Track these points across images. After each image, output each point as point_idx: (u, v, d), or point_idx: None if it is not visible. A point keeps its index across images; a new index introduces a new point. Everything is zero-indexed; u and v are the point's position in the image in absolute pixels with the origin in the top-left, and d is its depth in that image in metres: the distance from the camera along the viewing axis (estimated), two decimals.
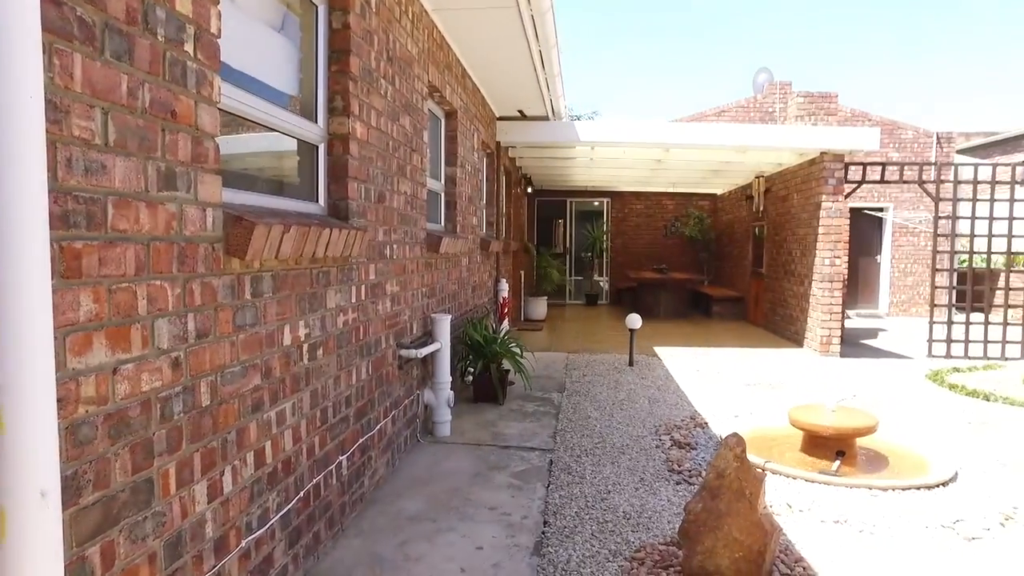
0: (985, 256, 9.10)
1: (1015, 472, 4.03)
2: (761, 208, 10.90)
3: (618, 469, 3.98)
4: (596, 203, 15.85)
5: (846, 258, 8.76)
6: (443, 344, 4.49)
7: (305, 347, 2.60)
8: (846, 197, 8.48)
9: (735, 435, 2.59)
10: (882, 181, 8.61)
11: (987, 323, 8.46)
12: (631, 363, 7.53)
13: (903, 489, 3.61)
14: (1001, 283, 9.54)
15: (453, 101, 5.43)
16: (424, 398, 4.50)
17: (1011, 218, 8.45)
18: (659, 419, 5.17)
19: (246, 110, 2.36)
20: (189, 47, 1.73)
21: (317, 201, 3.02)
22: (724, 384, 6.62)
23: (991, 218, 8.48)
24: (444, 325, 4.52)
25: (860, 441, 4.18)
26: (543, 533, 3.05)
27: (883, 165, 8.50)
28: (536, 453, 4.25)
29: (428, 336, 4.51)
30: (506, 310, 7.91)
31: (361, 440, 3.28)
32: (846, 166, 8.37)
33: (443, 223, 5.60)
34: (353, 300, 3.13)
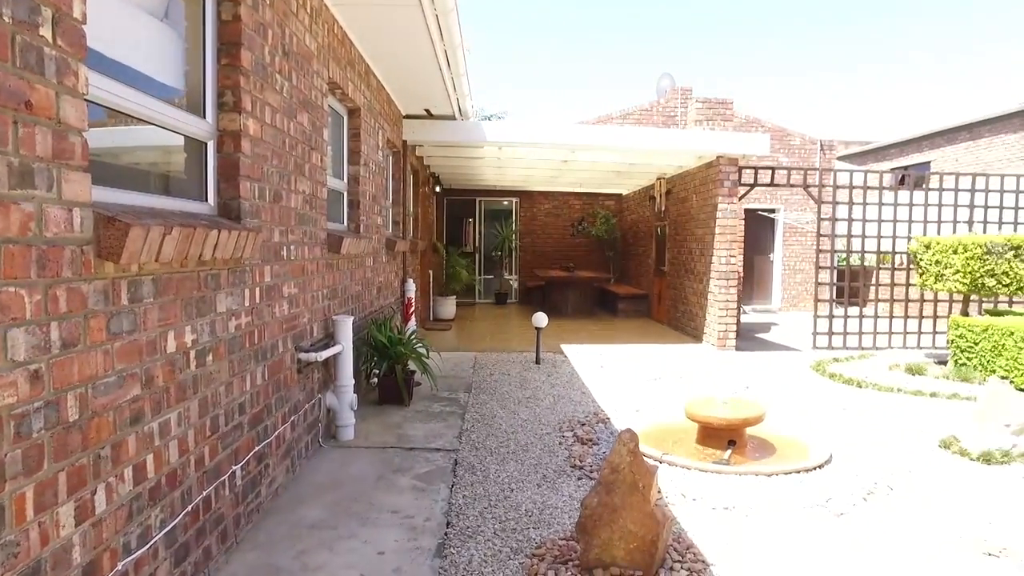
0: (860, 255, 9.91)
1: (879, 452, 4.41)
2: (663, 208, 11.36)
3: (522, 467, 4.04)
4: (505, 202, 15.98)
5: (741, 257, 9.28)
6: (345, 346, 4.39)
7: (192, 353, 2.48)
8: (740, 199, 8.97)
9: (628, 431, 2.69)
10: (772, 184, 9.18)
11: (861, 316, 9.20)
12: (538, 361, 7.65)
13: (786, 474, 3.86)
14: (873, 280, 10.39)
15: (356, 98, 5.32)
16: (326, 402, 4.39)
17: (879, 220, 9.24)
18: (563, 416, 5.28)
19: (123, 103, 2.21)
20: (46, 32, 1.60)
21: (206, 200, 2.88)
22: (627, 380, 6.85)
23: (864, 220, 9.26)
24: (346, 327, 4.43)
25: (750, 430, 4.43)
26: (446, 534, 3.05)
27: (773, 169, 9.06)
28: (441, 454, 4.24)
29: (330, 338, 4.40)
30: (412, 310, 7.83)
31: (257, 448, 3.16)
32: (740, 169, 8.86)
33: (346, 223, 5.48)
34: (246, 303, 3.01)
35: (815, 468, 3.97)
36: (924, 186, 9.80)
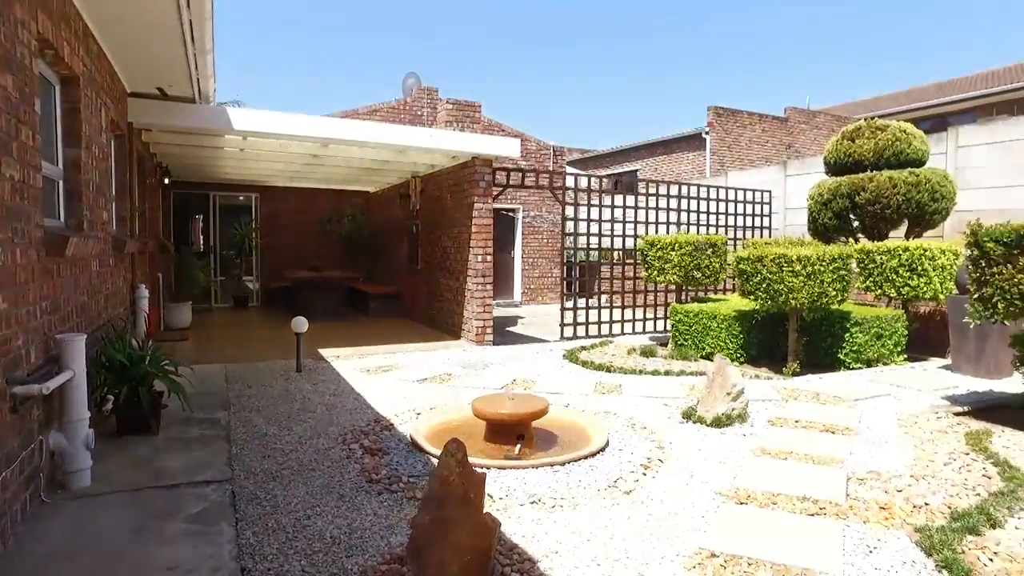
0: (598, 251, 11.09)
1: (643, 429, 4.94)
2: (418, 207, 11.37)
3: (312, 488, 3.67)
4: (243, 198, 14.59)
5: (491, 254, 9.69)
6: (77, 371, 3.55)
7: None
8: (494, 199, 9.37)
9: (454, 441, 2.58)
10: (522, 186, 9.76)
11: (600, 307, 10.29)
12: (299, 369, 7.10)
13: (575, 461, 4.10)
14: (608, 274, 11.70)
15: (74, 65, 4.31)
16: (51, 443, 3.49)
17: (612, 220, 10.45)
18: (342, 426, 4.96)
19: None
20: None
21: None
22: (397, 382, 6.69)
23: (600, 220, 10.39)
24: (77, 347, 3.58)
25: (534, 422, 4.62)
26: None
27: (523, 172, 9.64)
28: (213, 487, 3.66)
29: (54, 363, 3.51)
30: (152, 321, 6.70)
31: None
32: (494, 171, 9.24)
33: (64, 219, 4.42)
34: None
35: (599, 452, 4.28)
36: (635, 191, 11.30)
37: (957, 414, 5.63)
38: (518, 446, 4.34)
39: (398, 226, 13.06)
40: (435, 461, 4.13)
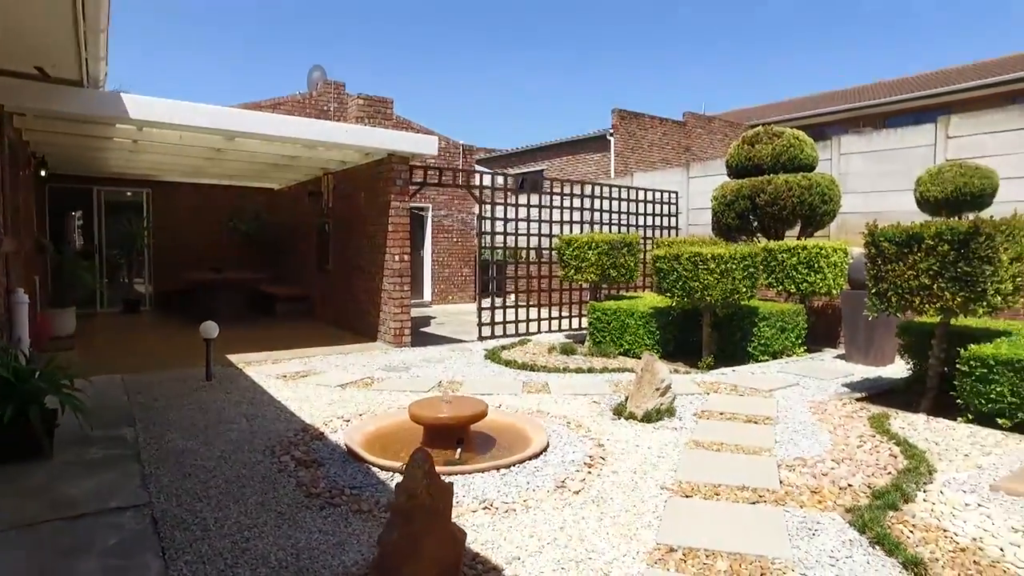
0: (508, 249, 11.08)
1: (580, 428, 4.97)
2: (330, 205, 10.92)
3: (247, 507, 3.40)
4: (131, 193, 13.46)
5: (408, 253, 9.47)
6: None
7: None
8: (410, 197, 9.16)
9: (420, 451, 2.45)
10: (439, 184, 9.60)
11: (516, 307, 10.31)
12: (209, 378, 6.61)
13: (520, 463, 4.04)
14: (522, 272, 11.71)
15: None
16: None
17: (516, 219, 10.49)
18: (269, 438, 4.65)
19: None
20: None
21: None
22: (318, 388, 6.38)
23: (516, 219, 10.39)
24: None
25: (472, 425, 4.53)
26: None
27: (440, 170, 9.47)
28: (130, 513, 3.31)
29: None
30: (45, 328, 6.01)
31: None
32: (411, 168, 9.03)
33: None
34: None
35: (541, 452, 4.25)
36: (539, 189, 11.39)
37: (858, 399, 6.06)
38: (459, 450, 4.23)
39: (306, 225, 12.50)
40: (375, 470, 3.95)
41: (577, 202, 11.22)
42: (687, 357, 8.08)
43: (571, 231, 11.09)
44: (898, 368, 7.65)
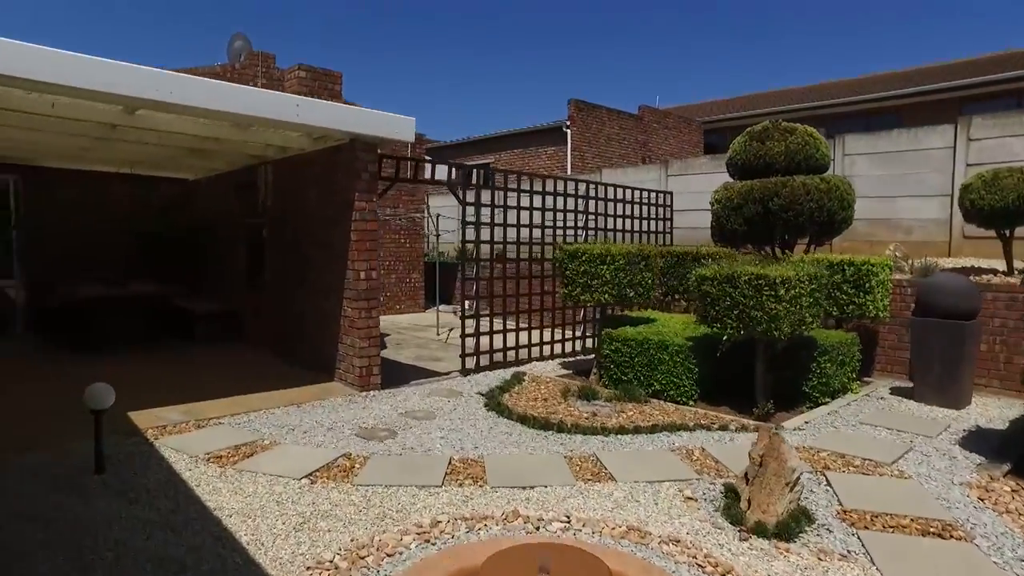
0: (486, 246, 9.18)
1: (704, 559, 3.21)
2: (268, 203, 8.65)
3: None
4: None
5: (378, 269, 7.42)
6: None
7: None
8: (381, 195, 7.10)
9: None
10: (414, 181, 7.57)
11: (492, 329, 8.44)
12: (99, 469, 4.39)
13: None
14: (505, 283, 9.84)
15: None
16: None
17: (492, 222, 8.63)
18: None
19: None
20: None
21: None
22: (273, 486, 4.29)
23: (492, 222, 8.50)
24: None
25: None
26: None
27: (418, 161, 7.45)
28: None
29: None
30: None
31: None
32: (381, 158, 6.97)
33: None
34: None
35: None
36: (491, 185, 9.39)
37: (1006, 474, 4.62)
38: None
39: (235, 226, 10.05)
40: None
41: (549, 201, 9.40)
42: (732, 402, 6.48)
43: (554, 237, 9.33)
44: (979, 410, 6.42)
